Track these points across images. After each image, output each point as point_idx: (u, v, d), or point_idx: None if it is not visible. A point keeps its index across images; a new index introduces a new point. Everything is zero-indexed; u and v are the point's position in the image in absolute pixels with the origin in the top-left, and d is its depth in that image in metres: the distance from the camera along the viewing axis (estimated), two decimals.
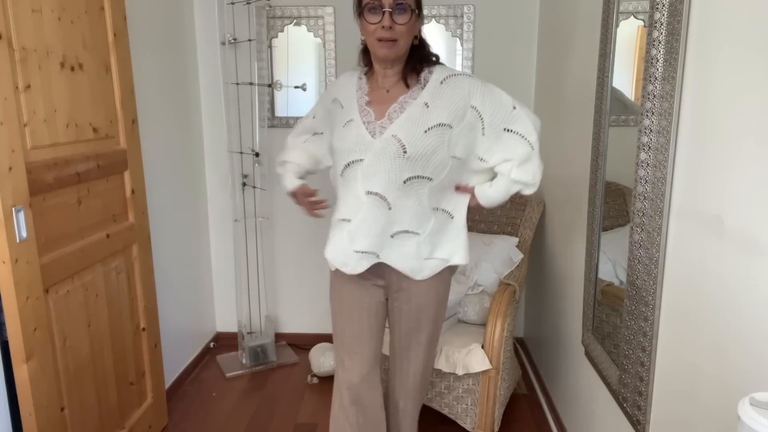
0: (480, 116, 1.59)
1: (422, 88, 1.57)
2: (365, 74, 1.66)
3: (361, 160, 1.54)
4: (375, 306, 1.71)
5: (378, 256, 1.59)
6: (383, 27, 1.48)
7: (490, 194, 1.64)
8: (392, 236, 1.58)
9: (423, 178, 1.55)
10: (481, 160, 1.63)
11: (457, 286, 2.35)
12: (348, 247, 1.58)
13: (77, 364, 1.79)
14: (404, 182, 1.53)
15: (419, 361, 1.78)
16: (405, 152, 1.51)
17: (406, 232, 1.58)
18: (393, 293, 1.70)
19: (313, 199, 1.77)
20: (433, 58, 1.63)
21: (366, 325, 1.70)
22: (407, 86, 1.58)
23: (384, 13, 1.47)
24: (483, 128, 1.60)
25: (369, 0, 1.48)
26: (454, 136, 1.56)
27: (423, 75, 1.60)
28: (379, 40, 1.50)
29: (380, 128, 1.54)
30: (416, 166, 1.53)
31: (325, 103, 1.76)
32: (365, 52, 1.63)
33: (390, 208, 1.55)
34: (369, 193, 1.54)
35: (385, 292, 1.72)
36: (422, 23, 1.61)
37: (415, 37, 1.58)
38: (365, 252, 1.57)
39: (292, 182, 1.82)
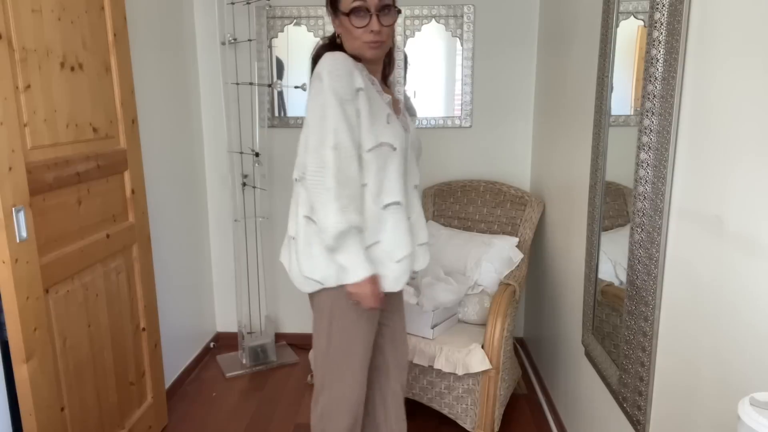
0: None
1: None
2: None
3: (407, 155, 1.59)
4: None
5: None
6: (372, 31, 1.44)
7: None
8: None
9: None
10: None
11: (457, 285, 2.35)
12: (413, 242, 1.58)
13: (77, 364, 1.79)
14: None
15: (406, 343, 1.84)
16: (420, 146, 1.65)
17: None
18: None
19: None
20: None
21: (372, 344, 1.64)
22: (387, 85, 1.63)
23: (371, 16, 1.43)
24: None
25: (356, 3, 1.43)
26: None
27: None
28: (366, 42, 1.46)
29: (404, 122, 1.59)
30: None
31: (352, 101, 1.43)
32: (338, 47, 1.49)
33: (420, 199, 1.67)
34: (416, 186, 1.62)
35: None
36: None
37: None
38: (424, 244, 1.62)
39: (372, 267, 1.47)
